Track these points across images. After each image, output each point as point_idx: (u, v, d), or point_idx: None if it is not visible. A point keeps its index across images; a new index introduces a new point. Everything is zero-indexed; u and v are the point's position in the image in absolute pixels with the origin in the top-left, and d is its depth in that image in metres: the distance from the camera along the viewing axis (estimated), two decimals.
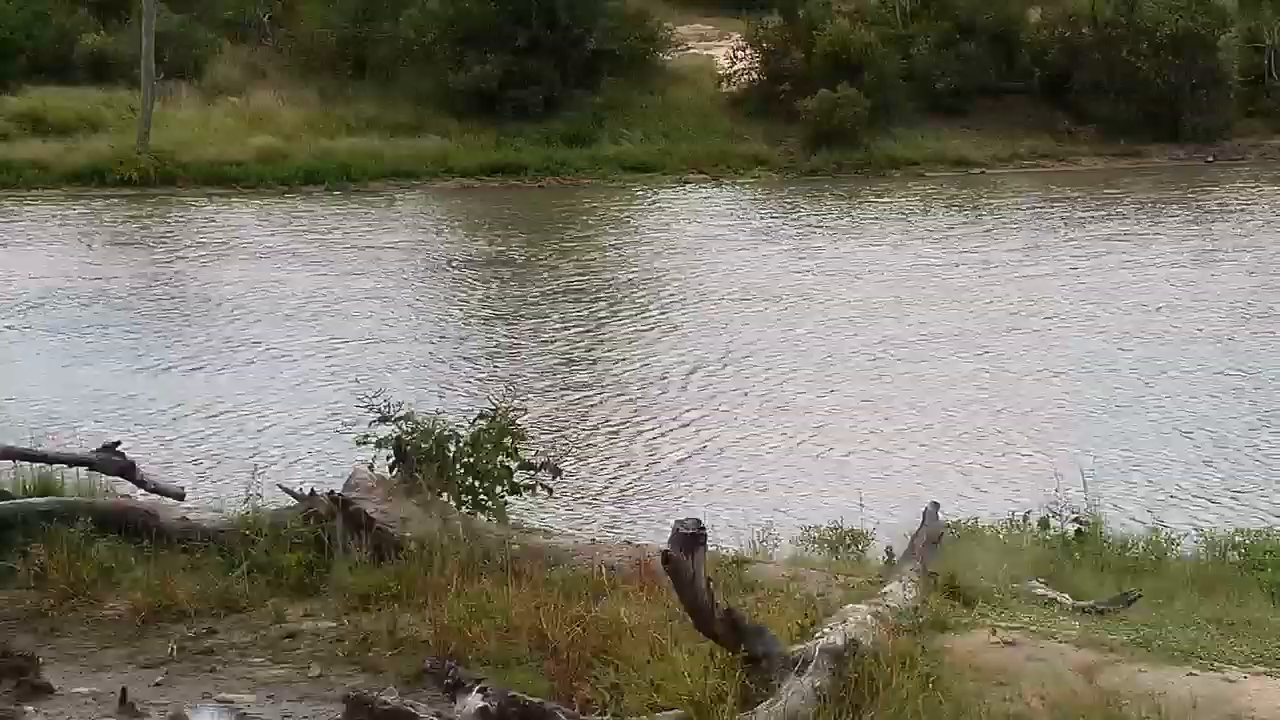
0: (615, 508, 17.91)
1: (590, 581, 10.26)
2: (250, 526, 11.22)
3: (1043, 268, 33.66)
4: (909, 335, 27.15)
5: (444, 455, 11.70)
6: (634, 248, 37.13)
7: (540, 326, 28.15)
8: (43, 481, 12.70)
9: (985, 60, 53.47)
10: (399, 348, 26.43)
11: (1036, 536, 13.49)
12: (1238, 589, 11.77)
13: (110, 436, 13.98)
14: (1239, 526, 15.20)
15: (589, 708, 8.47)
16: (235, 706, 9.24)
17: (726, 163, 49.36)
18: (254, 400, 22.62)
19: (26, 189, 43.20)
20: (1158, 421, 21.79)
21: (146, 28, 46.05)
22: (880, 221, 40.89)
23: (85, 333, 27.22)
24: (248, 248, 36.26)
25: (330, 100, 50.31)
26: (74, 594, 10.77)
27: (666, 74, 54.25)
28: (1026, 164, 50.92)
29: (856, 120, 49.68)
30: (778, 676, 8.11)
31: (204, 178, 44.74)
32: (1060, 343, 26.57)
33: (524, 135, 49.27)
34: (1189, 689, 8.46)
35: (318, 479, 12.92)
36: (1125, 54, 51.95)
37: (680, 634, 8.79)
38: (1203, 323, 28.19)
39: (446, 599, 10.06)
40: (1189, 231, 38.66)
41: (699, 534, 7.85)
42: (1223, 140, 52.58)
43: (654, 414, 22.23)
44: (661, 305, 29.99)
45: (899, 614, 9.30)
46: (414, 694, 8.95)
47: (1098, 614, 10.30)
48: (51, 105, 47.47)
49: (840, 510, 14.98)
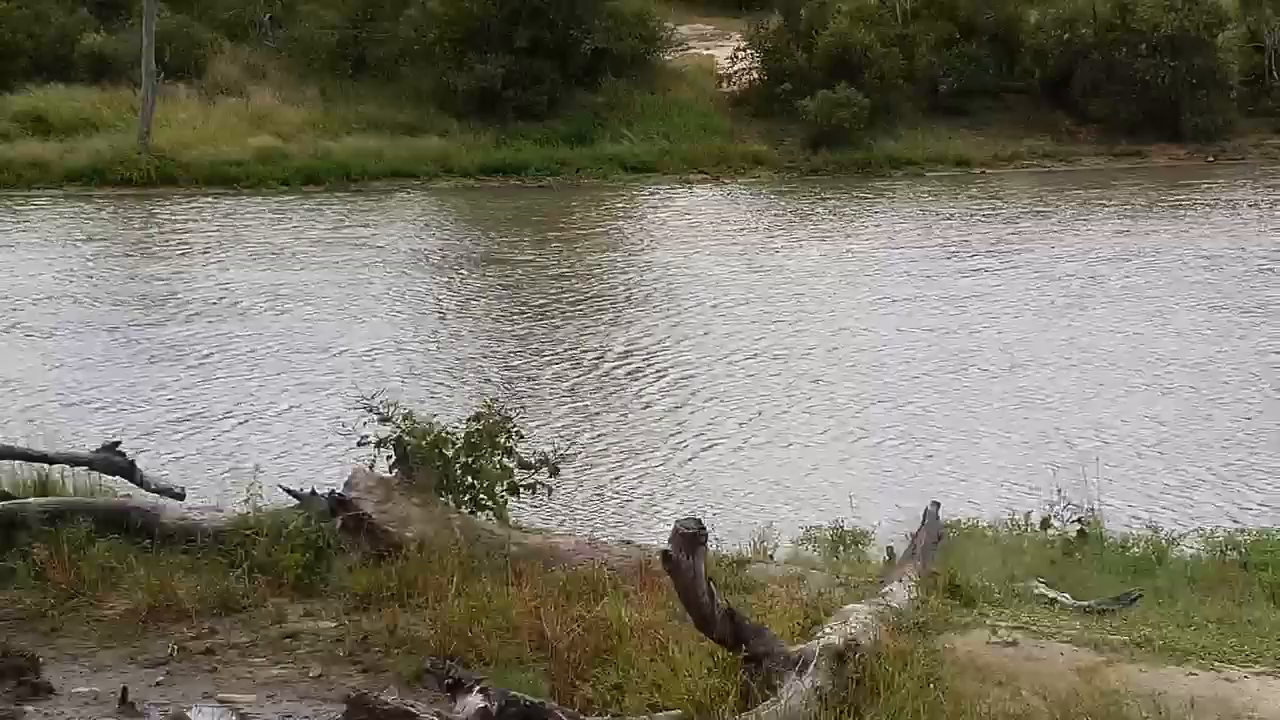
0: (615, 508, 17.90)
1: (590, 581, 10.26)
2: (250, 526, 11.23)
3: (1042, 267, 33.66)
4: (909, 335, 27.15)
5: (443, 455, 11.70)
6: (634, 248, 37.13)
7: (540, 326, 28.14)
8: (43, 482, 12.72)
9: (986, 60, 53.50)
10: (399, 348, 26.41)
11: (1036, 536, 13.48)
12: (1238, 589, 11.76)
13: (110, 437, 14.00)
14: (1239, 526, 15.19)
15: (589, 708, 8.47)
16: (236, 706, 9.25)
17: (727, 163, 49.38)
18: (254, 400, 22.62)
19: (27, 189, 43.21)
20: (1158, 421, 21.76)
21: (147, 27, 46.05)
22: (880, 221, 40.89)
23: (85, 333, 27.21)
24: (248, 248, 36.25)
25: (330, 100, 50.33)
26: (74, 594, 10.78)
27: (667, 74, 54.28)
28: (1027, 164, 50.94)
29: (857, 120, 49.70)
30: (778, 676, 8.12)
31: (204, 178, 44.76)
32: (1061, 342, 26.55)
33: (524, 135, 49.29)
34: (1189, 689, 8.47)
35: (318, 479, 12.91)
36: (1125, 54, 51.99)
37: (681, 634, 8.79)
38: (1204, 321, 28.20)
39: (447, 599, 10.07)
40: (1189, 230, 38.70)
41: (699, 534, 7.85)
42: (1224, 140, 52.60)
43: (654, 414, 22.21)
44: (662, 305, 29.98)
45: (899, 614, 9.31)
46: (414, 694, 8.96)
47: (1098, 614, 10.30)
48: (52, 105, 47.50)
49: (840, 510, 14.98)
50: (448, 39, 50.88)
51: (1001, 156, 51.05)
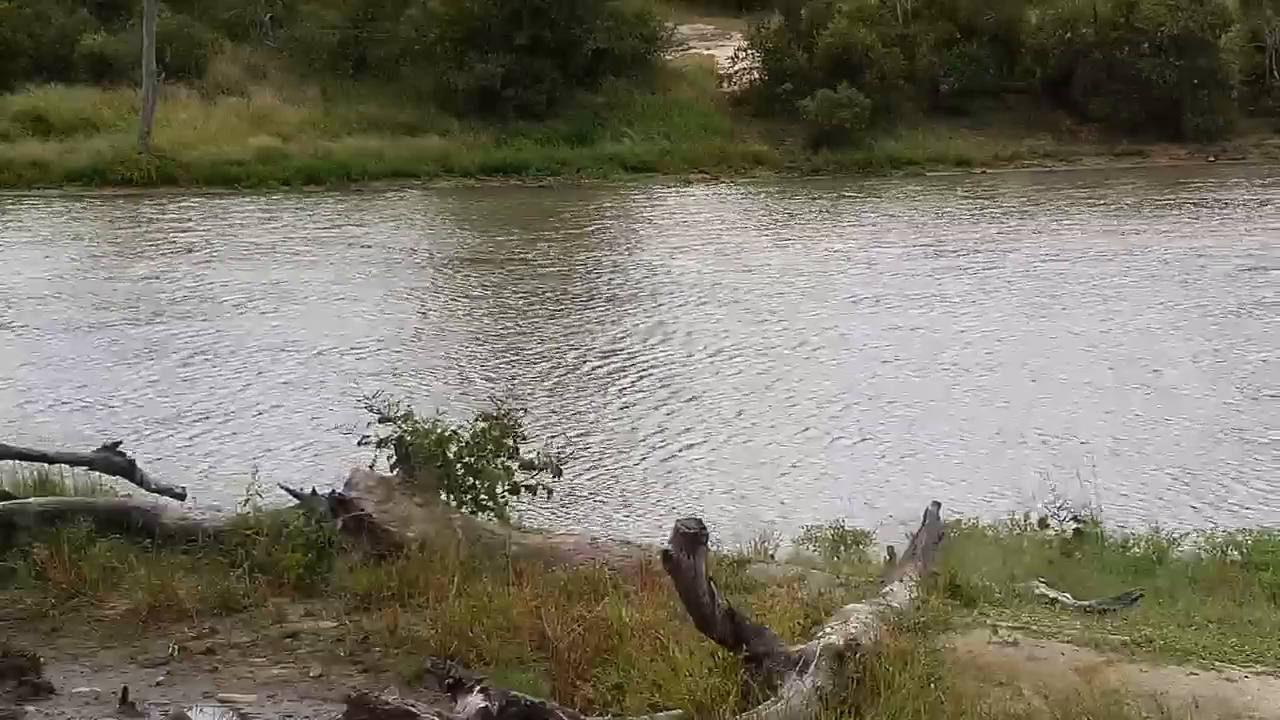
0: (616, 508, 17.88)
1: (591, 581, 10.26)
2: (251, 526, 11.22)
3: (1042, 265, 33.68)
4: (910, 335, 27.15)
5: (444, 455, 11.70)
6: (634, 247, 37.12)
7: (541, 326, 28.13)
8: (43, 482, 12.72)
9: (986, 60, 53.54)
10: (400, 347, 26.42)
11: (1037, 536, 13.47)
12: (1239, 589, 11.75)
13: (110, 436, 13.99)
14: (1239, 526, 15.17)
15: (590, 708, 8.46)
16: (236, 706, 9.24)
17: (727, 163, 49.41)
18: (254, 400, 22.60)
19: (27, 189, 43.23)
20: (1159, 420, 21.75)
21: (147, 28, 46.08)
22: (881, 219, 40.89)
23: (85, 333, 27.19)
24: (248, 247, 36.25)
25: (331, 100, 50.38)
26: (75, 594, 10.77)
27: (667, 74, 54.33)
28: (1028, 164, 50.98)
29: (857, 120, 49.73)
30: (779, 676, 8.11)
31: (205, 178, 44.81)
32: (1060, 342, 26.55)
33: (525, 135, 49.33)
34: (1190, 689, 8.46)
35: (318, 479, 12.90)
36: (1126, 54, 52.00)
37: (681, 634, 8.79)
38: (1205, 320, 28.20)
39: (447, 599, 10.06)
40: (1192, 228, 38.72)
41: (700, 534, 7.84)
42: (1224, 140, 52.66)
43: (655, 414, 22.20)
44: (662, 305, 29.97)
45: (900, 614, 9.30)
46: (415, 694, 8.96)
47: (1099, 614, 10.29)
48: (52, 105, 47.55)
49: (841, 510, 14.96)
50: (448, 39, 50.93)
51: (1002, 156, 51.10)
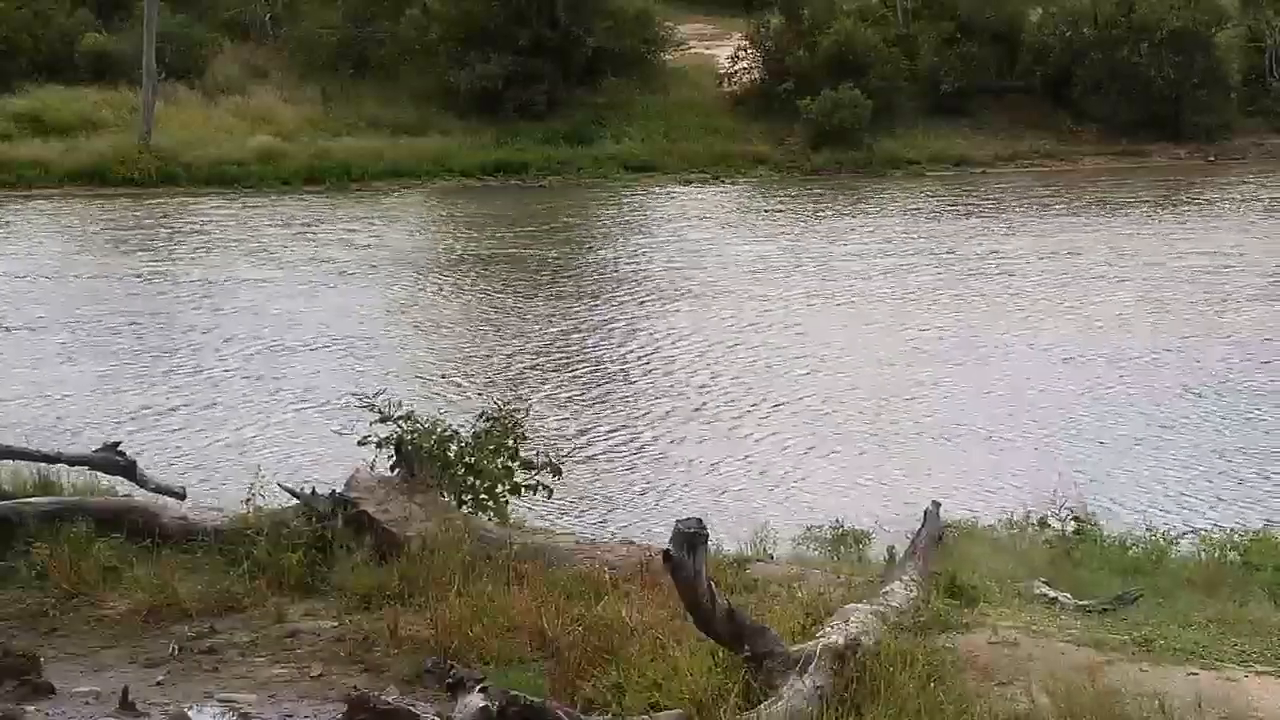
0: (616, 508, 17.88)
1: (591, 581, 10.27)
2: (251, 526, 11.23)
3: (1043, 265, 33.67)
4: (910, 334, 27.15)
5: (445, 455, 11.71)
6: (635, 247, 37.10)
7: (541, 326, 28.12)
8: (43, 481, 12.73)
9: (987, 60, 53.54)
10: (399, 347, 26.42)
11: (1037, 536, 13.48)
12: (1238, 589, 11.76)
13: (110, 436, 14.00)
14: (1239, 526, 15.18)
15: (590, 707, 8.47)
16: (236, 706, 9.24)
17: (728, 162, 49.39)
18: (254, 399, 22.60)
19: (27, 189, 43.21)
20: (1160, 420, 21.74)
21: (148, 27, 46.07)
22: (881, 218, 40.89)
23: (85, 332, 27.18)
24: (248, 247, 36.25)
25: (331, 100, 50.35)
26: (75, 593, 10.78)
27: (668, 73, 54.31)
28: (1028, 163, 50.98)
29: (858, 120, 49.71)
30: (779, 676, 8.11)
31: (205, 177, 44.78)
32: (1061, 341, 26.54)
33: (525, 134, 49.33)
34: (1190, 688, 8.46)
35: (318, 479, 12.90)
36: (1126, 53, 52.00)
37: (682, 633, 8.79)
38: (1206, 317, 28.22)
39: (447, 599, 10.07)
40: (1192, 228, 38.73)
41: (700, 533, 7.84)
42: (1223, 139, 52.66)
43: (655, 414, 22.20)
44: (663, 305, 29.95)
45: (900, 613, 9.30)
46: (415, 694, 8.97)
47: (1099, 613, 10.30)
48: (53, 105, 47.52)
49: (841, 510, 14.96)
50: (449, 39, 50.93)
51: (1002, 156, 51.10)
